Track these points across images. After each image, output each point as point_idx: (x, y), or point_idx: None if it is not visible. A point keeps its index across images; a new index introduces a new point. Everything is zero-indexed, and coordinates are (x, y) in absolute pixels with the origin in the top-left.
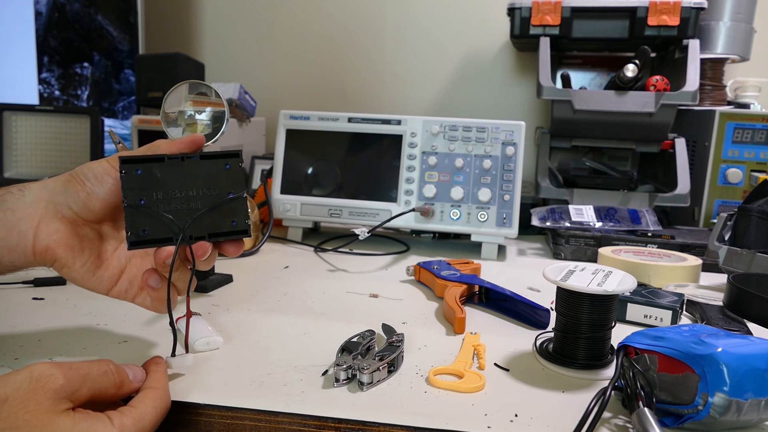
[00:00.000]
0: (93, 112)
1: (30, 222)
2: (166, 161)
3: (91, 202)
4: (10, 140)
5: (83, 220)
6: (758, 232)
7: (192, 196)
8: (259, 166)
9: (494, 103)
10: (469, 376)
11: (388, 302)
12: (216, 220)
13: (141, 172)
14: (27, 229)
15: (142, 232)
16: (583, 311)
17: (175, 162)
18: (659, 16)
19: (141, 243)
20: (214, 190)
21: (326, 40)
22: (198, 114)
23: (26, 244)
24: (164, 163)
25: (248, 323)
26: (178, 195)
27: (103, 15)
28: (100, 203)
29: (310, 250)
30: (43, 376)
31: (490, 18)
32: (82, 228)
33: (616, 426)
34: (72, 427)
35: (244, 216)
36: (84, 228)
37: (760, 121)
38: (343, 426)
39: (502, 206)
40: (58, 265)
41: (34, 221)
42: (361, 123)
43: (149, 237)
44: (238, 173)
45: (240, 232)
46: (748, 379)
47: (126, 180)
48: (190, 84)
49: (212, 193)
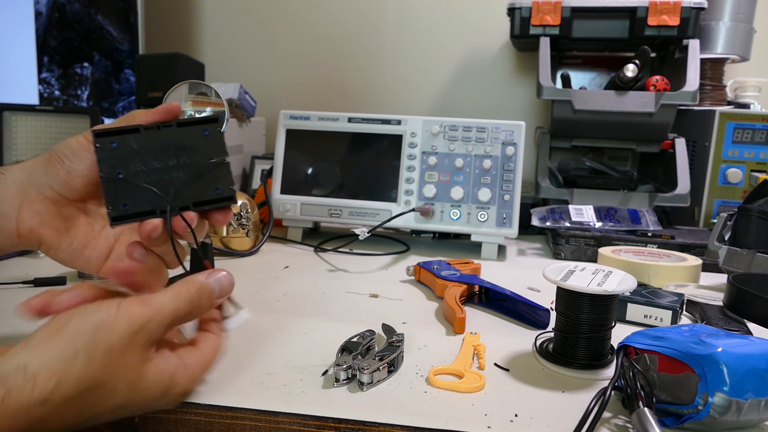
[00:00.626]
0: (93, 112)
1: (12, 204)
2: (141, 131)
3: (72, 180)
4: (10, 140)
5: (66, 200)
6: (758, 232)
7: (171, 166)
8: (259, 166)
9: (494, 103)
10: (469, 376)
11: (388, 302)
12: (199, 189)
13: (116, 144)
14: (9, 212)
15: (123, 207)
16: (583, 311)
17: (152, 132)
18: (659, 16)
19: (123, 218)
20: (194, 158)
21: (326, 39)
22: (198, 114)
23: (10, 227)
24: (140, 134)
25: (248, 323)
26: (158, 165)
27: (103, 15)
28: (81, 180)
29: (310, 250)
30: (137, 324)
31: (490, 18)
32: (66, 207)
33: (616, 426)
34: (158, 382)
35: (228, 182)
36: (68, 207)
37: (760, 121)
38: (343, 426)
39: (502, 206)
40: (45, 247)
41: (15, 203)
42: (361, 123)
43: (131, 211)
44: (218, 138)
45: (225, 199)
46: (748, 379)
47: (101, 153)
48: (190, 84)
49: (193, 161)
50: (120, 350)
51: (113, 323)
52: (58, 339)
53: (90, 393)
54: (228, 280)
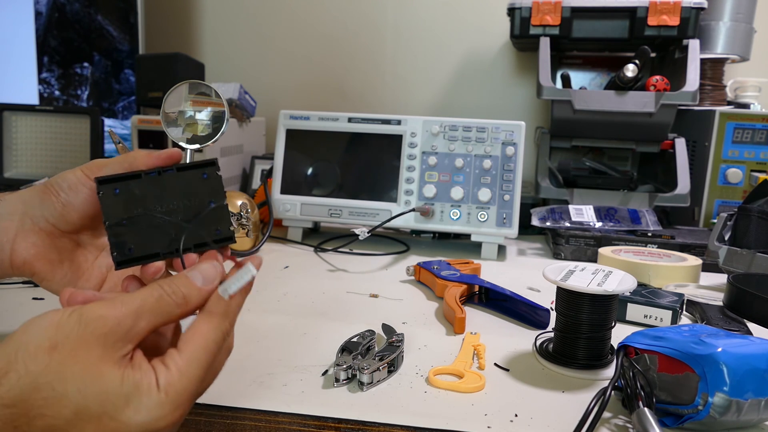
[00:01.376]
0: (93, 112)
1: (6, 235)
2: (143, 177)
3: (67, 213)
4: (10, 140)
5: (61, 232)
6: (758, 232)
7: (172, 209)
8: (259, 166)
9: (494, 103)
10: (469, 376)
11: (388, 302)
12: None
13: (119, 191)
14: (4, 242)
15: (128, 251)
16: (583, 311)
17: (153, 177)
18: (659, 16)
19: (128, 261)
20: (194, 201)
21: (326, 39)
22: (198, 114)
23: (3, 257)
24: (141, 180)
25: (248, 323)
26: (160, 209)
27: (103, 15)
28: (76, 213)
29: (310, 250)
30: (91, 320)
31: (491, 18)
32: (60, 239)
33: (616, 426)
34: (120, 384)
35: (227, 223)
36: (62, 239)
37: (760, 121)
38: (343, 426)
39: (502, 206)
40: (38, 279)
41: (10, 234)
42: (361, 123)
43: (136, 254)
44: (217, 181)
45: (225, 239)
46: (748, 379)
47: (105, 200)
48: (190, 84)
49: (192, 204)
50: (70, 348)
51: (66, 321)
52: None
53: (33, 395)
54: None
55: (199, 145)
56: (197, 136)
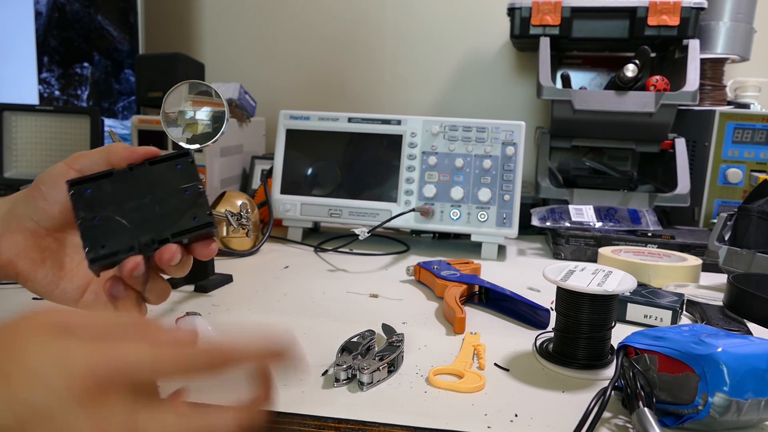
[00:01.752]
0: (93, 112)
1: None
2: (114, 175)
3: (50, 208)
4: (10, 140)
5: (45, 230)
6: (758, 232)
7: (147, 203)
8: (259, 166)
9: (494, 103)
10: (469, 376)
11: (388, 302)
12: (176, 220)
13: (91, 191)
14: None
15: (101, 248)
16: (583, 311)
17: (124, 174)
18: (659, 16)
19: (101, 258)
20: (168, 191)
21: (326, 39)
22: (198, 114)
23: None
24: (113, 177)
25: (248, 323)
26: (133, 204)
27: (103, 15)
28: (58, 206)
29: (310, 250)
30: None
31: (491, 18)
32: (44, 239)
33: (616, 426)
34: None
35: (205, 210)
36: (46, 239)
37: (760, 121)
38: (343, 426)
39: (502, 206)
40: (22, 279)
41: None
42: (361, 123)
43: (109, 251)
44: (191, 170)
45: (204, 225)
46: (748, 379)
47: (76, 200)
48: (190, 84)
49: (167, 194)
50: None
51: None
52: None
53: None
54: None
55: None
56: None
